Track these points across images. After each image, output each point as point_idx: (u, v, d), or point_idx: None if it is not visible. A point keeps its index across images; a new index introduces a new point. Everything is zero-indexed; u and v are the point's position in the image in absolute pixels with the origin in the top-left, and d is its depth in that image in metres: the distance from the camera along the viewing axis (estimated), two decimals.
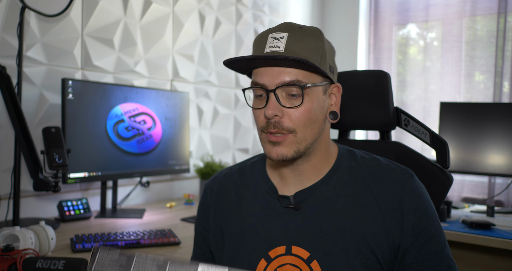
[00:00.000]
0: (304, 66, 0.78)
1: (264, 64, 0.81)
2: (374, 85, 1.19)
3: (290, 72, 0.79)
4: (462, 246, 1.89)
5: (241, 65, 0.83)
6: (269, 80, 0.80)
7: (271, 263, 0.84)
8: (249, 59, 0.79)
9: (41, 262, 1.00)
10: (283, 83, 0.79)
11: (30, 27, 1.64)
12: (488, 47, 2.83)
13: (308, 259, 0.82)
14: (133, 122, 1.82)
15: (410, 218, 0.82)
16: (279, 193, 0.88)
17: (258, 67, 0.82)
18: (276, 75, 0.80)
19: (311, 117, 0.82)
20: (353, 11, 3.27)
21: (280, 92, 0.80)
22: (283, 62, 0.78)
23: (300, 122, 0.80)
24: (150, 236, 1.39)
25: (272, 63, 0.80)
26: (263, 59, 0.78)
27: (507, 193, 2.65)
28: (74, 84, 1.60)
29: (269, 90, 0.80)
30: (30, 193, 1.67)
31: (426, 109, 3.05)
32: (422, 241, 0.82)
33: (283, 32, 0.81)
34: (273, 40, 0.81)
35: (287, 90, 0.80)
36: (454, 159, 2.21)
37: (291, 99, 0.80)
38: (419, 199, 0.83)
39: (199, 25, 2.36)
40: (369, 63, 3.31)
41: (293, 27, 0.82)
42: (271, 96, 0.80)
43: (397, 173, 0.86)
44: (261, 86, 0.81)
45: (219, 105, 2.51)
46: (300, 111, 0.80)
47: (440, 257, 0.82)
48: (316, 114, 0.83)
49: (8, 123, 1.58)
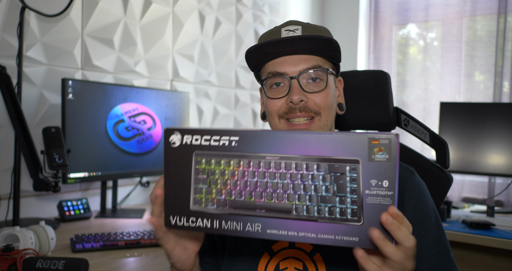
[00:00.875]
0: (323, 52, 0.81)
1: (288, 52, 0.83)
2: (374, 85, 1.19)
3: (311, 59, 0.83)
4: (462, 246, 1.89)
5: (261, 54, 0.85)
6: (290, 68, 0.83)
7: (274, 257, 0.85)
8: (273, 46, 0.81)
9: (41, 262, 1.00)
10: (306, 69, 0.82)
11: (30, 27, 1.64)
12: (488, 47, 2.83)
13: (311, 252, 0.83)
14: (133, 122, 1.82)
15: (408, 213, 0.82)
16: None
17: (278, 56, 0.84)
18: (297, 63, 0.83)
19: (331, 102, 0.85)
20: (353, 11, 3.27)
21: (302, 79, 0.83)
22: (309, 44, 0.80)
23: (324, 105, 0.83)
24: (150, 236, 1.39)
25: (293, 50, 0.81)
26: (286, 46, 0.80)
27: (507, 193, 2.64)
28: (74, 84, 1.60)
29: (292, 77, 0.82)
30: (30, 193, 1.67)
31: (426, 109, 3.05)
32: (419, 236, 0.81)
33: (296, 25, 0.85)
34: (288, 32, 0.84)
35: (309, 76, 0.83)
36: (454, 159, 2.21)
37: (313, 84, 0.83)
38: (419, 195, 0.84)
39: (199, 25, 2.36)
40: (369, 63, 3.31)
41: (302, 22, 0.86)
42: (294, 83, 0.82)
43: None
44: (281, 74, 0.83)
45: (219, 105, 2.51)
46: (323, 95, 0.83)
47: (436, 251, 0.83)
48: (333, 102, 0.86)
49: (8, 123, 1.58)
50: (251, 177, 0.64)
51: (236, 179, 0.66)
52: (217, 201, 0.66)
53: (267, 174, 0.64)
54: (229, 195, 0.66)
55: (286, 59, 0.84)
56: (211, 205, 0.66)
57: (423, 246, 0.82)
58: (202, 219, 0.66)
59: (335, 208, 0.60)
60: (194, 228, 0.66)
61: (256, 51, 0.84)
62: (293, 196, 0.62)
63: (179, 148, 0.68)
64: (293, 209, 0.62)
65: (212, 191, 0.67)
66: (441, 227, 0.86)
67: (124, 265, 1.20)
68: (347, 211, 0.59)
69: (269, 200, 0.63)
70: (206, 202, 0.67)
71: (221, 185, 0.67)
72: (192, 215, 0.67)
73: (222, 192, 0.66)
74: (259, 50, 0.84)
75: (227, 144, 0.66)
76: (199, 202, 0.67)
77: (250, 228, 0.64)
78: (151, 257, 1.28)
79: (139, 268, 1.20)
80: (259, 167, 0.64)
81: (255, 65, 0.89)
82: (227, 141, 0.66)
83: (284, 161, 0.63)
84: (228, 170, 0.66)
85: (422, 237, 0.82)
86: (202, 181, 0.67)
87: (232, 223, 0.65)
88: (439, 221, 0.86)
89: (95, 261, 1.20)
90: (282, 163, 0.63)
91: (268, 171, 0.64)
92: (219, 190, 0.67)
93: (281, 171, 0.63)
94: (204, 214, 0.66)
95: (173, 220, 0.67)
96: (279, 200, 0.63)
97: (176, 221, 0.67)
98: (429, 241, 0.83)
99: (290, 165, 0.63)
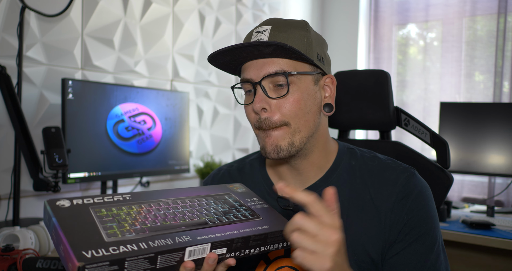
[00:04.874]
0: (287, 53, 0.77)
1: (248, 57, 0.79)
2: (374, 85, 1.19)
3: (274, 63, 0.78)
4: (462, 246, 1.89)
5: (226, 61, 0.81)
6: (255, 73, 0.79)
7: (270, 265, 0.83)
8: (231, 53, 0.78)
9: (41, 262, 1.00)
10: (267, 73, 0.78)
11: (30, 27, 1.64)
12: (488, 47, 2.83)
13: None
14: (133, 122, 1.82)
15: (404, 216, 0.79)
16: (278, 194, 0.88)
17: (243, 61, 0.81)
18: (261, 67, 0.78)
19: (302, 107, 0.79)
20: (353, 11, 3.27)
21: (267, 84, 0.79)
22: (264, 49, 0.76)
23: (290, 113, 0.78)
24: None
25: (255, 54, 0.78)
26: (246, 52, 0.77)
27: (507, 193, 2.64)
28: (74, 84, 1.60)
29: (255, 83, 0.79)
30: (30, 193, 1.67)
31: (426, 109, 3.05)
32: (410, 240, 0.79)
33: (267, 25, 0.81)
34: (257, 34, 0.80)
35: (273, 80, 0.78)
36: (454, 159, 2.21)
37: (279, 90, 0.79)
38: (417, 198, 0.81)
39: (199, 25, 2.36)
40: (369, 63, 3.31)
41: (277, 20, 0.81)
42: (258, 89, 0.78)
43: (397, 173, 0.83)
44: (248, 80, 0.80)
45: (219, 105, 2.51)
46: (289, 101, 0.78)
47: (424, 260, 0.78)
48: (308, 105, 0.80)
49: (8, 123, 1.58)
50: (157, 212, 0.69)
51: (144, 214, 0.67)
52: (134, 230, 0.62)
53: (170, 207, 0.71)
54: (144, 224, 0.64)
55: (252, 64, 0.80)
56: (128, 234, 0.60)
57: (413, 251, 0.78)
58: (125, 245, 0.58)
59: (237, 214, 0.73)
60: (119, 254, 0.55)
61: (215, 60, 0.81)
62: (201, 214, 0.70)
63: (71, 207, 0.64)
64: (207, 221, 0.69)
65: (124, 225, 0.62)
66: (436, 232, 0.81)
67: None
68: (246, 213, 0.74)
69: (183, 220, 0.68)
70: (122, 233, 0.60)
71: (131, 220, 0.64)
72: (110, 245, 0.57)
73: (135, 224, 0.63)
74: (219, 58, 0.80)
75: (122, 199, 0.70)
76: (114, 234, 0.60)
77: (180, 239, 0.62)
78: None
79: None
80: (160, 206, 0.71)
81: (230, 71, 0.86)
82: (120, 197, 0.70)
83: (179, 200, 0.74)
84: (132, 211, 0.67)
85: (414, 241, 0.79)
86: (110, 221, 0.62)
87: (160, 241, 0.60)
88: (437, 225, 0.81)
89: None
90: (178, 201, 0.74)
91: (170, 206, 0.71)
92: (131, 223, 0.63)
93: (180, 204, 0.72)
94: (124, 241, 0.59)
95: (88, 254, 0.54)
96: (192, 218, 0.69)
97: (92, 254, 0.54)
98: (420, 247, 0.79)
99: (185, 201, 0.74)
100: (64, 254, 0.57)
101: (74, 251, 0.54)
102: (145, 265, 0.58)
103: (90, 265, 0.53)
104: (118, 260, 0.55)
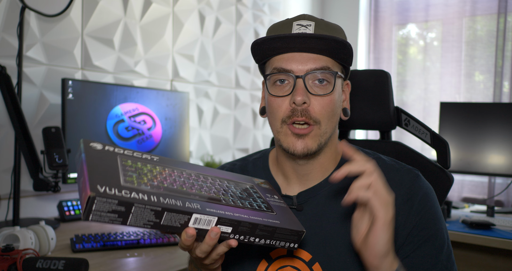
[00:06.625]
0: (335, 54, 0.77)
1: (296, 49, 0.78)
2: (375, 85, 1.19)
3: (320, 59, 0.78)
4: (462, 246, 1.89)
5: (269, 47, 0.79)
6: (298, 66, 0.77)
7: (272, 264, 0.83)
8: (282, 41, 0.76)
9: (41, 262, 1.00)
10: (313, 69, 0.77)
11: (30, 27, 1.64)
12: (488, 47, 2.83)
13: (310, 262, 0.81)
14: (133, 122, 1.82)
15: (412, 219, 0.79)
16: (282, 193, 0.87)
17: (286, 52, 0.79)
18: (305, 62, 0.77)
19: (334, 109, 0.80)
20: (353, 11, 3.27)
21: (308, 79, 0.78)
22: (314, 44, 0.75)
23: (326, 113, 0.78)
24: (150, 236, 1.39)
25: (305, 48, 0.77)
26: (296, 43, 0.76)
27: (507, 193, 2.64)
28: (74, 84, 1.60)
29: (297, 76, 0.77)
30: (30, 193, 1.67)
31: (426, 109, 3.05)
32: (419, 242, 0.78)
33: (309, 20, 0.79)
34: (300, 27, 0.79)
35: (316, 77, 0.78)
36: (454, 159, 2.21)
37: (319, 87, 0.78)
38: (423, 199, 0.80)
39: (199, 25, 2.36)
40: (369, 63, 3.31)
41: (316, 18, 0.81)
42: (299, 83, 0.77)
43: (401, 174, 0.83)
44: (287, 72, 0.78)
45: (219, 105, 2.51)
46: (327, 100, 0.78)
47: (435, 261, 0.78)
48: (337, 107, 0.81)
49: (8, 123, 1.58)
50: (178, 177, 0.71)
51: (164, 176, 0.69)
52: (150, 184, 0.64)
53: (191, 178, 0.73)
54: (161, 183, 0.66)
55: (294, 56, 0.78)
56: (144, 186, 0.63)
57: (422, 253, 0.78)
58: (137, 193, 0.60)
59: (252, 203, 0.73)
60: (129, 198, 0.58)
61: (263, 44, 0.79)
62: (218, 192, 0.72)
63: (101, 150, 0.69)
64: (222, 199, 0.70)
65: (143, 178, 0.65)
66: (444, 233, 0.81)
67: (124, 265, 1.20)
68: (262, 206, 0.74)
69: (199, 192, 0.69)
70: (139, 184, 0.63)
71: (151, 176, 0.67)
72: (124, 188, 0.60)
73: (153, 180, 0.66)
74: (267, 43, 0.78)
75: (149, 158, 0.74)
76: (131, 182, 0.63)
77: (190, 205, 0.63)
78: (151, 257, 1.28)
79: (139, 268, 1.20)
80: (182, 174, 0.73)
81: (260, 57, 0.83)
82: (148, 156, 0.74)
83: (201, 175, 0.76)
84: (155, 170, 0.70)
85: (424, 243, 0.78)
86: (131, 171, 0.66)
87: (171, 200, 0.62)
88: (444, 226, 0.81)
89: (95, 261, 1.20)
90: (201, 175, 0.76)
91: (192, 177, 0.74)
92: (150, 179, 0.66)
93: (202, 179, 0.74)
94: (138, 189, 0.61)
95: (102, 188, 0.57)
96: (208, 193, 0.70)
97: (105, 189, 0.57)
98: (429, 249, 0.78)
99: (207, 177, 0.76)
100: (81, 185, 0.61)
101: (91, 183, 0.58)
102: (151, 217, 0.60)
103: (100, 198, 0.56)
104: (126, 203, 0.58)
